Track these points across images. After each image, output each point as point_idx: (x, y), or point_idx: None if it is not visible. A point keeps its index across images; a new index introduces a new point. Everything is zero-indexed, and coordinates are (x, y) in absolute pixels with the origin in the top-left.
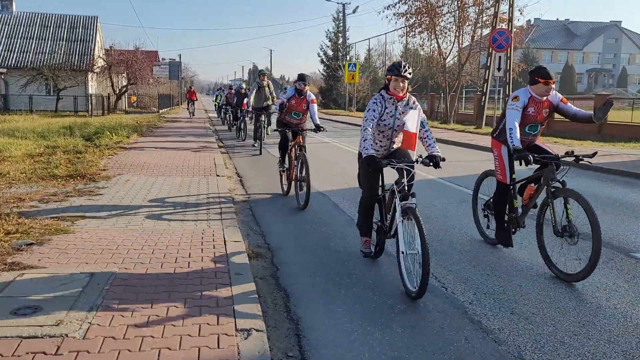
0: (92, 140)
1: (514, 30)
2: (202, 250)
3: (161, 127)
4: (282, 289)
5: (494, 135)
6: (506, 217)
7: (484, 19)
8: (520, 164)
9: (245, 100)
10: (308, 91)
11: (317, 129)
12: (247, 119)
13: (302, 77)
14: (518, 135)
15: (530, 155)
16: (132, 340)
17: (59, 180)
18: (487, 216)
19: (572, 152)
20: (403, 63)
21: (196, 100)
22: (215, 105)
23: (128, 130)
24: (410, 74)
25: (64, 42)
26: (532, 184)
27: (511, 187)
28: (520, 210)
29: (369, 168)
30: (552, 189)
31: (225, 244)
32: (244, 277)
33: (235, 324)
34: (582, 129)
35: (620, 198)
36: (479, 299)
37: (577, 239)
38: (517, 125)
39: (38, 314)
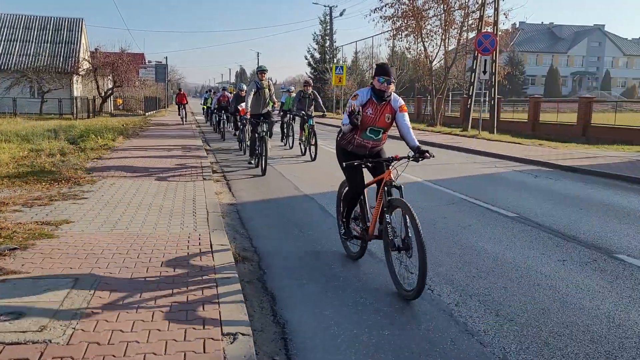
0: (77, 143)
1: (499, 33)
2: (188, 254)
3: (147, 130)
4: (268, 293)
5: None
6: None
7: (470, 22)
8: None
9: (242, 105)
10: (393, 93)
11: (419, 154)
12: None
13: (383, 70)
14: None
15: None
16: (116, 345)
17: (43, 184)
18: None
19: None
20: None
21: (187, 103)
22: (203, 108)
23: (114, 133)
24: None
25: (48, 44)
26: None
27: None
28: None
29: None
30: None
31: (211, 248)
32: (231, 281)
33: (222, 328)
34: (566, 131)
35: (603, 200)
36: (465, 300)
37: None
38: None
39: (21, 320)
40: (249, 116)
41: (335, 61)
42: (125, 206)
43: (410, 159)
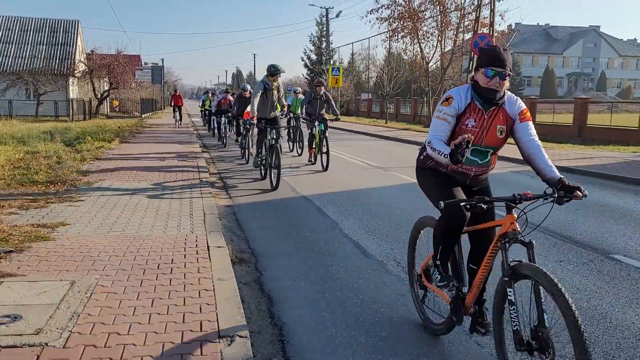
0: (73, 145)
1: (495, 34)
2: (185, 256)
3: (144, 132)
4: (265, 294)
5: None
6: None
7: (466, 23)
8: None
9: (249, 108)
10: (508, 94)
11: (565, 192)
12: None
13: (494, 56)
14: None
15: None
16: (113, 348)
17: (39, 186)
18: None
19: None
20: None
21: (182, 105)
22: (201, 111)
23: (110, 135)
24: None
25: (44, 46)
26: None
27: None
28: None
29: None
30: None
31: (208, 250)
32: (228, 283)
33: (219, 330)
34: (562, 132)
35: (599, 200)
36: None
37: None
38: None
39: (17, 323)
40: (255, 120)
41: (331, 62)
42: (122, 208)
43: (549, 200)
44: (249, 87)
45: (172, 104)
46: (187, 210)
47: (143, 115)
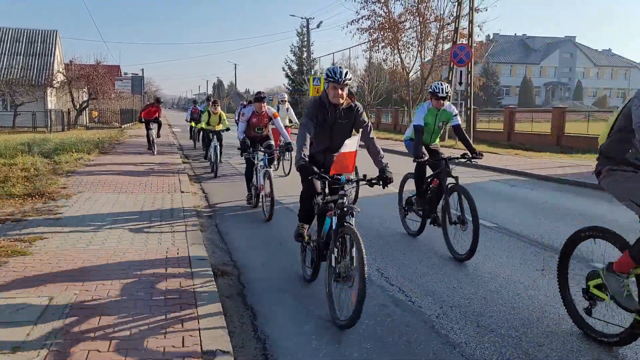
0: (52, 157)
1: (474, 45)
2: (166, 269)
3: (124, 142)
4: (249, 308)
5: None
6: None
7: (445, 34)
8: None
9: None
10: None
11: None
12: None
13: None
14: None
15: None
16: None
17: (16, 199)
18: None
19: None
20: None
21: (159, 117)
22: (191, 127)
23: (89, 146)
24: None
25: (21, 56)
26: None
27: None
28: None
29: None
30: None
31: (190, 262)
32: (210, 296)
33: (201, 346)
34: (541, 141)
35: (577, 208)
36: (446, 312)
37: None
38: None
39: None
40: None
41: (312, 72)
42: (102, 221)
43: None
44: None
45: (144, 119)
46: (168, 222)
47: (123, 126)
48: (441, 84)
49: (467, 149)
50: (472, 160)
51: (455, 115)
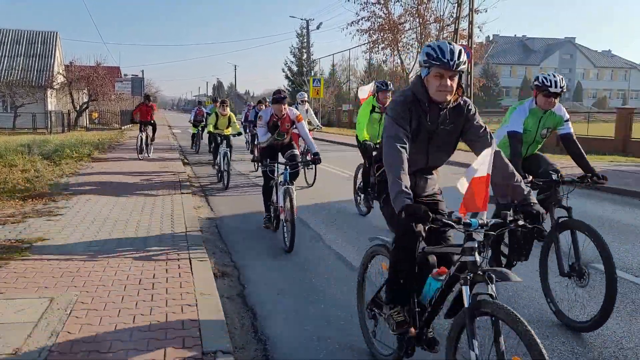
0: (52, 158)
1: (474, 46)
2: (166, 270)
3: (124, 144)
4: (249, 309)
5: None
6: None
7: (445, 35)
8: None
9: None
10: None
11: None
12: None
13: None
14: None
15: None
16: None
17: (17, 200)
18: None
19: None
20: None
21: (152, 122)
22: (194, 135)
23: (89, 147)
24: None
25: (21, 57)
26: None
27: None
28: None
29: None
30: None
31: (190, 264)
32: (210, 297)
33: (202, 347)
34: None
35: (578, 209)
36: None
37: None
38: None
39: None
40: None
41: (312, 74)
42: (102, 222)
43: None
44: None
45: (138, 120)
46: (168, 223)
47: (123, 127)
48: (554, 75)
49: (583, 170)
50: (595, 184)
51: (567, 120)
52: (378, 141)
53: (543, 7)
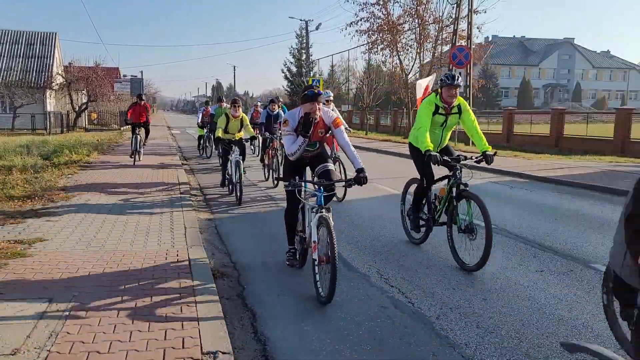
0: (51, 159)
1: (473, 47)
2: (166, 271)
3: (123, 144)
4: (248, 309)
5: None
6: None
7: (444, 36)
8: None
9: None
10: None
11: None
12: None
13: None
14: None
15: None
16: None
17: (16, 201)
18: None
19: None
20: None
21: (147, 123)
22: (201, 137)
23: (88, 148)
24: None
25: (20, 58)
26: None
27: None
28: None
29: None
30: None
31: (189, 264)
32: (210, 298)
33: (201, 347)
34: (540, 142)
35: (577, 210)
36: (445, 313)
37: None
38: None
39: None
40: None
41: (311, 74)
42: (101, 223)
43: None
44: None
45: (131, 122)
46: (167, 224)
47: (122, 128)
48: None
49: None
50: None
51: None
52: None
53: (542, 8)
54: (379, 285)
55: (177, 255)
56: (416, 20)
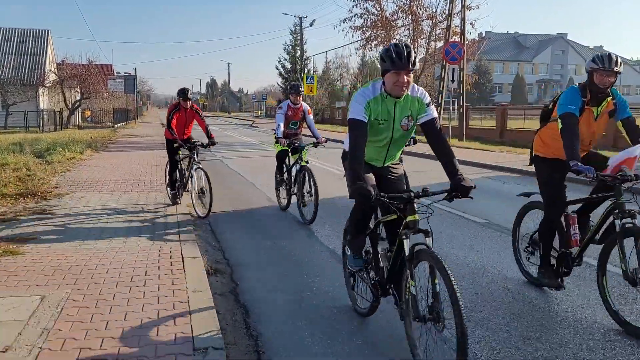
0: (44, 156)
1: (467, 43)
2: (159, 267)
3: (117, 142)
4: (241, 305)
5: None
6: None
7: (438, 32)
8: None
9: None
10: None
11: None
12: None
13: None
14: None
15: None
16: None
17: (8, 199)
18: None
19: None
20: None
21: (211, 140)
22: (281, 157)
23: (82, 145)
24: None
25: (13, 55)
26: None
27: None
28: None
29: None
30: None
31: (182, 261)
32: (202, 294)
33: (193, 343)
34: (532, 137)
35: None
36: None
37: None
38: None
39: None
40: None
41: (306, 71)
42: (94, 220)
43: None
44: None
45: (177, 139)
46: (161, 221)
47: (116, 126)
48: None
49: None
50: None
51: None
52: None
53: (535, 3)
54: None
55: (171, 251)
56: (410, 16)
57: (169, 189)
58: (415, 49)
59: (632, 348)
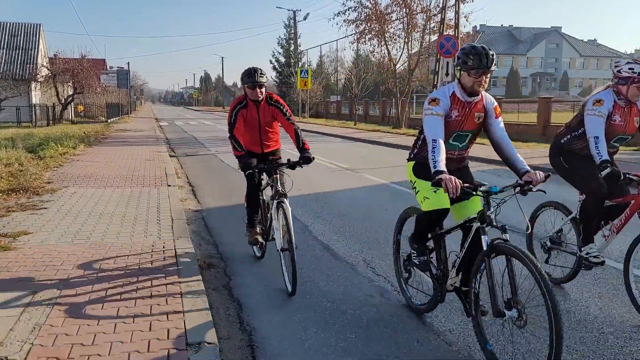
0: (36, 152)
1: (461, 36)
2: (152, 262)
3: (110, 137)
4: (235, 300)
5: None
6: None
7: (432, 25)
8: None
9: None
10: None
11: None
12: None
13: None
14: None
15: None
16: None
17: (0, 194)
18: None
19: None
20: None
21: (309, 157)
22: None
23: (74, 140)
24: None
25: (4, 50)
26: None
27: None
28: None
29: None
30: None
31: (176, 256)
32: (196, 289)
33: (186, 338)
34: (527, 131)
35: (564, 198)
36: None
37: None
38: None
39: None
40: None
41: (300, 65)
42: (87, 215)
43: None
44: None
45: (242, 153)
46: (154, 216)
47: (109, 120)
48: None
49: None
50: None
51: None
52: None
53: None
54: (365, 274)
55: (164, 246)
56: (404, 10)
57: (247, 230)
58: (409, 43)
59: None
